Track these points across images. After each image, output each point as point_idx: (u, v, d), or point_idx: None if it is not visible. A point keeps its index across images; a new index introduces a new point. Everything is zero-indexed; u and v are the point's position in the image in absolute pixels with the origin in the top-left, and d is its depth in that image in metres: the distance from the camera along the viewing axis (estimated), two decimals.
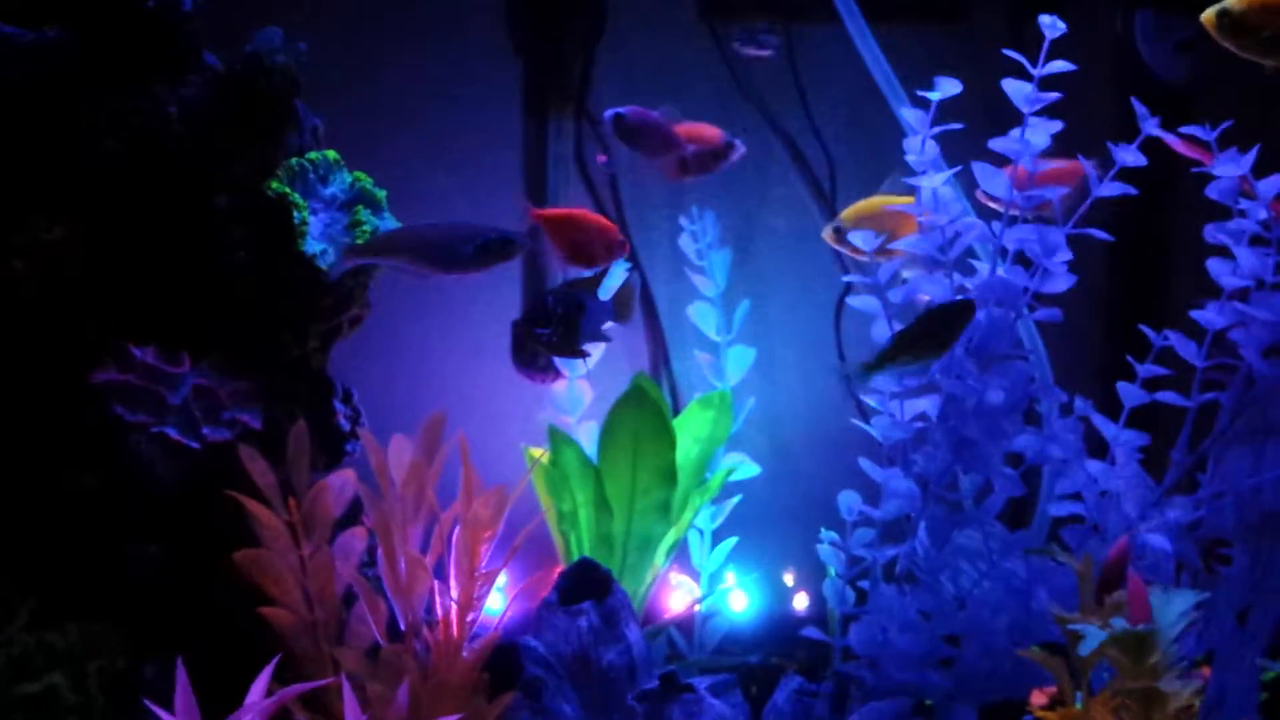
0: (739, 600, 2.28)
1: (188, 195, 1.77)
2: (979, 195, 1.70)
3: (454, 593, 1.61)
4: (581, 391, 2.16)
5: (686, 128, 1.92)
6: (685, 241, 2.15)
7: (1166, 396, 1.73)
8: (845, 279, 2.01)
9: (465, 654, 1.61)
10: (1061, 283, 1.68)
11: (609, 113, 1.87)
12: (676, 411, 2.29)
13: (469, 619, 1.61)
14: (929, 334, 1.61)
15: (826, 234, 1.87)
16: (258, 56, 1.78)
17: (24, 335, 1.72)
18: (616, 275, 2.04)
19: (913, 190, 1.75)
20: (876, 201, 1.83)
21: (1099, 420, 1.74)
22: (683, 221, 2.15)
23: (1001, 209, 1.70)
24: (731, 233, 2.50)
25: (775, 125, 2.46)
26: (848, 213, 1.87)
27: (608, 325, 1.75)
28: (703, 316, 2.17)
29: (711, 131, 1.93)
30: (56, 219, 1.71)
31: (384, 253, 1.76)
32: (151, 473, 1.72)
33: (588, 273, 1.91)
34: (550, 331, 1.71)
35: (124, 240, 1.75)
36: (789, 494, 2.50)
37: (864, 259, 1.82)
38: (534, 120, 2.38)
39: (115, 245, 1.74)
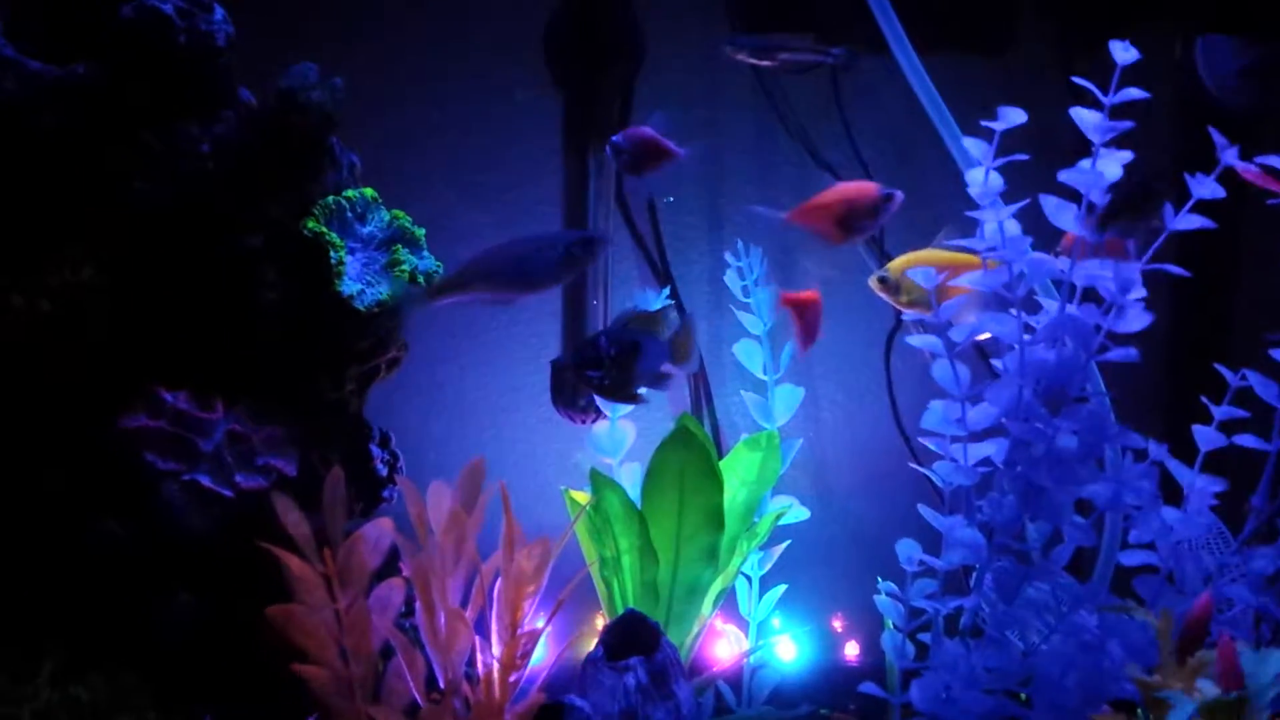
0: (788, 650, 2.20)
1: (221, 235, 1.74)
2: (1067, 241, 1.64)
3: (496, 650, 1.54)
4: (623, 431, 2.10)
5: (844, 187, 1.85)
6: (731, 278, 2.09)
7: (1246, 440, 1.64)
8: (903, 316, 1.94)
9: (508, 716, 1.53)
10: (1137, 321, 1.60)
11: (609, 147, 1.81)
12: (720, 453, 2.22)
13: (511, 679, 1.53)
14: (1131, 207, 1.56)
15: (872, 282, 1.83)
16: (292, 93, 1.74)
17: (52, 378, 1.68)
18: (660, 307, 1.98)
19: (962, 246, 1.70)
20: (924, 255, 1.78)
21: (1174, 466, 1.65)
22: (728, 257, 2.09)
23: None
24: (775, 268, 2.44)
25: (818, 157, 2.40)
26: (895, 264, 1.82)
27: (664, 368, 1.67)
28: (748, 355, 2.10)
29: (868, 186, 1.85)
30: (85, 259, 1.67)
31: (462, 287, 1.67)
32: (183, 522, 1.68)
33: (645, 309, 1.84)
34: (602, 374, 1.63)
35: (156, 281, 1.72)
36: (836, 538, 2.43)
37: (908, 309, 1.79)
38: (574, 155, 2.34)
39: (146, 286, 1.71)
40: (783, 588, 2.11)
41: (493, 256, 1.69)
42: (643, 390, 1.67)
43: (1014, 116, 1.62)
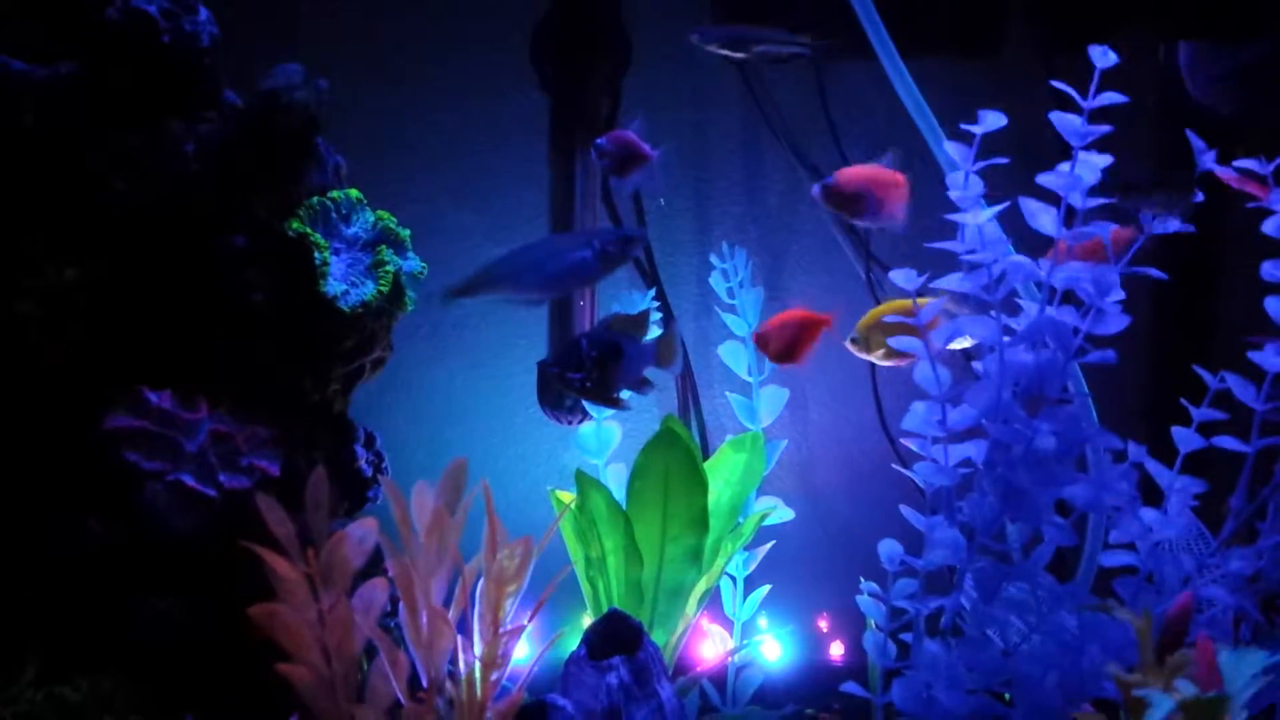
0: (773, 650, 2.21)
1: (205, 235, 1.74)
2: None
3: (478, 649, 1.54)
4: (610, 432, 2.11)
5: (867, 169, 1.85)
6: (716, 279, 2.09)
7: (1224, 441, 1.65)
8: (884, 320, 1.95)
9: (490, 714, 1.54)
10: (1115, 323, 1.60)
11: (593, 148, 1.82)
12: (706, 454, 2.23)
13: (493, 677, 1.54)
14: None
15: (849, 345, 1.87)
16: (276, 93, 1.74)
17: (34, 379, 1.68)
18: (643, 309, 1.98)
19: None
20: (885, 308, 1.82)
21: (1153, 467, 1.66)
22: (713, 259, 2.10)
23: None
24: (761, 270, 2.45)
25: (804, 160, 2.41)
26: (862, 321, 1.87)
27: (648, 371, 1.66)
28: (733, 356, 2.11)
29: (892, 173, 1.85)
30: (69, 261, 1.67)
31: (485, 288, 1.63)
32: (167, 522, 1.68)
33: (628, 311, 1.84)
34: (583, 376, 1.63)
35: (139, 282, 1.71)
36: (822, 538, 2.44)
37: (882, 363, 1.82)
38: (561, 157, 2.34)
39: (130, 287, 1.71)
40: (767, 588, 2.12)
41: (522, 255, 1.66)
42: (625, 394, 1.66)
43: (993, 120, 1.63)
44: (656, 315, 2.05)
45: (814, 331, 1.86)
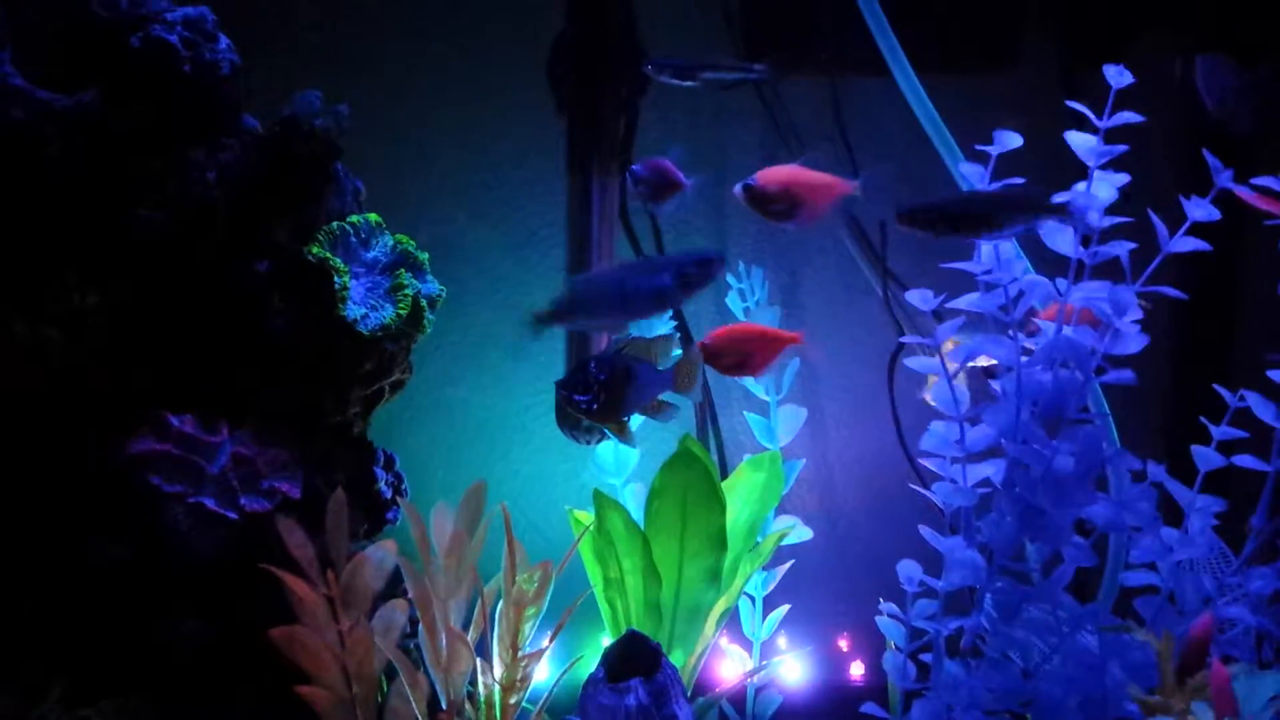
0: (794, 670, 2.20)
1: (225, 260, 1.75)
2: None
3: (497, 672, 1.54)
4: (628, 452, 2.11)
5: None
6: (733, 299, 2.10)
7: (1245, 460, 1.64)
8: (901, 339, 1.95)
9: None
10: (1133, 344, 1.60)
11: (628, 175, 1.82)
12: (725, 473, 2.22)
13: (512, 700, 1.54)
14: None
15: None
16: (296, 120, 1.76)
17: (57, 403, 1.70)
18: (659, 334, 1.98)
19: None
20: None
21: (1174, 487, 1.65)
22: (730, 279, 2.10)
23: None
24: (779, 289, 2.45)
25: None
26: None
27: (664, 396, 1.64)
28: None
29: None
30: (91, 286, 1.69)
31: (570, 316, 1.60)
32: (188, 544, 1.69)
33: (643, 334, 1.84)
34: (590, 399, 1.61)
35: (161, 306, 1.73)
36: (841, 558, 2.43)
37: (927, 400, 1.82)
38: (578, 176, 2.35)
39: (152, 312, 1.72)
40: (786, 608, 2.11)
41: (597, 286, 1.63)
42: (636, 420, 1.64)
43: (1009, 140, 1.63)
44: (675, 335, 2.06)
45: (767, 346, 1.84)
